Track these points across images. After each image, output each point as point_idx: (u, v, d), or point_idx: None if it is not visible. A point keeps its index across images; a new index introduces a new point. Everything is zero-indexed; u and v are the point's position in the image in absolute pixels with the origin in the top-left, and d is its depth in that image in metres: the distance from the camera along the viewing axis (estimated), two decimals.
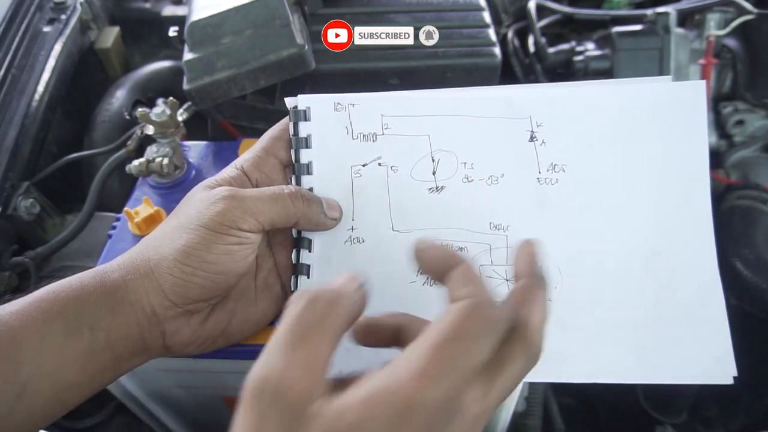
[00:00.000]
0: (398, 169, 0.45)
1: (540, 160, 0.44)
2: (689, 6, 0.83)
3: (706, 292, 0.43)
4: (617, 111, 0.44)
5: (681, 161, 0.43)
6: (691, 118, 0.43)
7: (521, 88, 0.47)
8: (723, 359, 0.41)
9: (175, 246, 0.39)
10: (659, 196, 0.43)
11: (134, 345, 0.40)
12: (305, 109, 0.46)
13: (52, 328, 0.37)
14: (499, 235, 0.44)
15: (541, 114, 0.44)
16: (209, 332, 0.42)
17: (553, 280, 0.43)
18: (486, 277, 0.43)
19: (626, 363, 0.42)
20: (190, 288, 0.39)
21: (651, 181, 0.43)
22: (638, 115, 0.43)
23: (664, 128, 0.43)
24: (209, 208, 0.40)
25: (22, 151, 0.66)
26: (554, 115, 0.44)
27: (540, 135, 0.44)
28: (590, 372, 0.42)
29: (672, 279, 0.43)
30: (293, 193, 0.42)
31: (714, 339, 0.42)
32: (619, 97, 0.44)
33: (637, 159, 0.43)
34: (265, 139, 0.46)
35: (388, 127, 0.45)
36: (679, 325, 0.42)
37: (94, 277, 0.40)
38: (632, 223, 0.43)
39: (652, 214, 0.43)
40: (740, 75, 0.84)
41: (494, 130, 0.44)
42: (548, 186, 0.44)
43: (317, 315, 0.29)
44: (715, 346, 0.42)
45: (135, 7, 0.91)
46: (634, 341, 0.42)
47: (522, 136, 0.44)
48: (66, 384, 0.38)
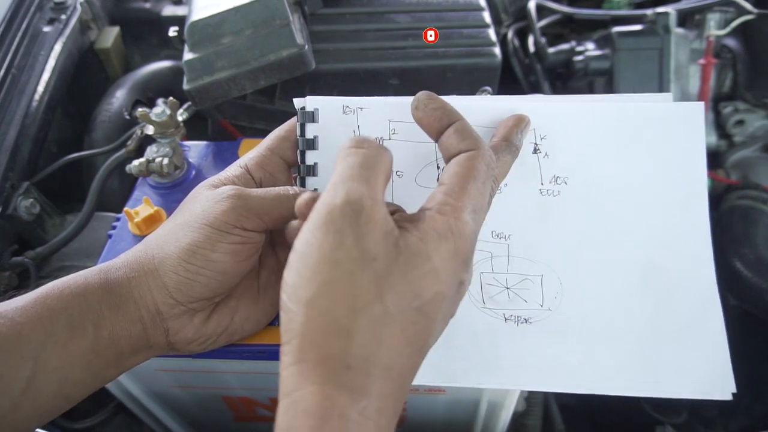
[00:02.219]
0: (403, 174, 0.45)
1: (543, 171, 0.45)
2: (689, 6, 0.83)
3: (704, 307, 0.43)
4: (620, 128, 0.44)
5: (680, 178, 0.44)
6: (690, 138, 0.44)
7: (527, 99, 0.47)
8: (722, 375, 0.42)
9: (180, 244, 0.39)
10: (658, 211, 0.44)
11: (137, 342, 0.40)
12: (313, 111, 0.46)
13: (57, 325, 0.37)
14: (500, 243, 0.44)
15: (545, 127, 0.44)
16: (212, 330, 0.42)
17: (553, 291, 0.43)
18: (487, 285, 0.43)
19: (626, 375, 0.42)
20: (194, 286, 0.39)
21: (650, 197, 0.44)
22: (639, 132, 0.44)
23: (664, 146, 0.44)
24: (214, 207, 0.40)
25: (22, 151, 0.66)
26: (558, 129, 0.45)
27: (543, 147, 0.44)
28: (591, 383, 0.42)
29: (671, 293, 0.43)
30: (297, 194, 0.42)
31: (712, 355, 0.42)
32: (622, 115, 0.44)
33: (637, 174, 0.44)
34: (271, 139, 0.46)
35: (395, 133, 0.45)
36: (678, 340, 0.43)
37: (98, 274, 0.40)
38: (632, 236, 0.44)
39: (651, 228, 0.44)
40: (740, 75, 0.84)
41: None
42: (550, 198, 0.44)
43: (377, 156, 0.33)
44: (713, 362, 0.42)
45: (135, 7, 0.91)
46: (634, 354, 0.42)
47: (526, 148, 0.44)
48: (70, 380, 0.38)
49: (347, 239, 0.30)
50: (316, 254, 0.30)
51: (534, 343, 0.43)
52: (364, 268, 0.30)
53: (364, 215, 0.31)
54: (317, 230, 0.31)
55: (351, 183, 0.32)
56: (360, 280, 0.30)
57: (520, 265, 0.44)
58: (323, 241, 0.30)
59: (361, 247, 0.30)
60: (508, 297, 0.43)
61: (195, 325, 0.41)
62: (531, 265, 0.44)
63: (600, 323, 0.43)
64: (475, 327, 0.43)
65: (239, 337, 0.45)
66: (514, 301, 0.43)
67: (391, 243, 0.31)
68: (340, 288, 0.30)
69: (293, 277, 0.31)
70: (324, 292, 0.30)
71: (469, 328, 0.43)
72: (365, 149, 0.33)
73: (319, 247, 0.30)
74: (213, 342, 0.43)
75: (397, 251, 0.31)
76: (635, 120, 0.44)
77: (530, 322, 0.43)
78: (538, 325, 0.43)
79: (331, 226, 0.31)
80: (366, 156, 0.33)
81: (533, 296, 0.43)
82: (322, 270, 0.30)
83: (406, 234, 0.32)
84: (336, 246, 0.30)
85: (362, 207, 0.31)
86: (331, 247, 0.30)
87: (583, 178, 0.44)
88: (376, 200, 0.32)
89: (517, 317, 0.43)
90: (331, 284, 0.30)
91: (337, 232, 0.30)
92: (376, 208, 0.31)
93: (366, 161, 0.33)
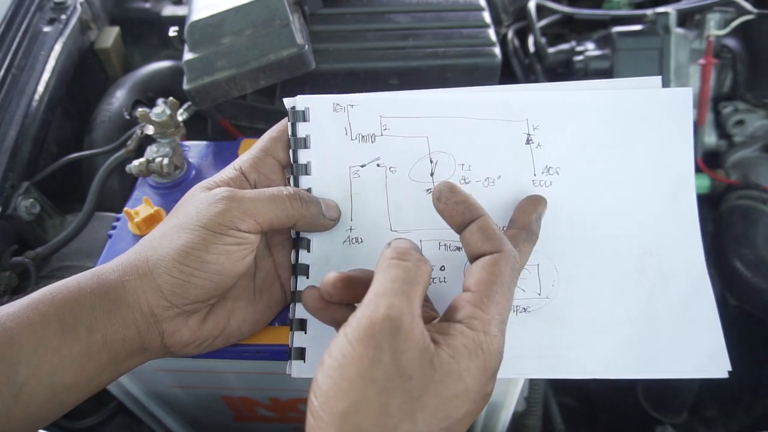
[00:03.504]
0: (396, 170, 0.45)
1: (535, 162, 0.45)
2: (689, 6, 0.83)
3: (697, 289, 0.44)
4: (609, 116, 0.45)
5: (668, 164, 0.45)
6: (678, 123, 0.45)
7: (518, 88, 0.47)
8: (716, 354, 0.43)
9: (174, 246, 0.39)
10: (648, 197, 0.45)
11: (132, 345, 0.40)
12: (304, 110, 0.46)
13: (49, 330, 0.37)
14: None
15: (537, 117, 0.45)
16: (208, 332, 0.42)
17: (551, 279, 0.44)
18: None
19: (624, 359, 0.43)
20: (188, 288, 0.39)
21: (640, 183, 0.45)
22: (629, 119, 0.45)
23: (652, 132, 0.45)
24: (208, 208, 0.40)
25: (22, 151, 0.66)
26: (550, 119, 0.45)
27: (536, 138, 0.45)
28: (590, 368, 0.43)
29: (663, 277, 0.44)
30: (291, 195, 0.42)
31: (707, 334, 0.43)
32: (612, 103, 0.45)
33: (627, 162, 0.45)
34: (264, 140, 0.46)
35: (387, 128, 0.45)
36: (672, 322, 0.43)
37: (91, 278, 0.40)
38: (624, 223, 0.44)
39: (642, 214, 0.45)
40: (740, 75, 0.84)
41: (492, 132, 0.45)
42: (543, 188, 0.45)
43: (417, 270, 0.34)
44: (708, 341, 0.43)
45: (135, 7, 0.91)
46: (631, 338, 0.43)
47: (519, 139, 0.45)
48: (63, 385, 0.38)
49: (385, 356, 0.31)
50: (354, 368, 0.31)
51: (533, 332, 0.43)
52: (400, 387, 0.31)
53: (403, 332, 0.31)
54: (357, 342, 0.31)
55: (392, 298, 0.32)
56: (394, 399, 0.31)
57: None
58: (363, 356, 0.31)
59: (398, 364, 0.31)
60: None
61: (190, 328, 0.41)
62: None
63: (597, 309, 0.44)
64: None
65: (237, 340, 0.45)
66: None
67: (427, 360, 0.32)
68: (374, 405, 0.31)
69: (328, 384, 0.32)
70: (358, 408, 0.31)
71: None
72: (407, 262, 0.34)
73: (358, 361, 0.31)
74: (210, 345, 0.43)
75: (432, 370, 0.32)
76: (625, 107, 0.45)
77: (529, 311, 0.43)
78: (537, 314, 0.43)
79: (371, 340, 0.31)
80: (408, 270, 0.34)
81: (531, 285, 0.44)
82: (359, 385, 0.31)
83: (440, 351, 0.33)
84: (374, 362, 0.31)
85: (401, 324, 0.32)
86: (369, 362, 0.31)
87: (574, 167, 0.45)
88: (414, 316, 0.32)
89: (516, 307, 0.43)
90: (367, 401, 0.31)
91: (376, 347, 0.31)
92: (414, 325, 0.32)
93: (408, 276, 0.34)
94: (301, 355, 0.44)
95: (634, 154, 0.45)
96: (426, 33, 0.66)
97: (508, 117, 0.45)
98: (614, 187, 0.45)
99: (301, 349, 0.44)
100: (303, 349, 0.44)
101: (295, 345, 0.44)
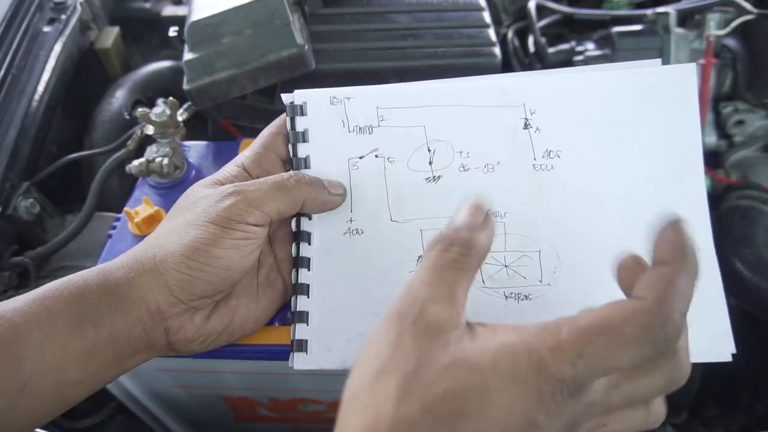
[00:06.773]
0: (395, 160, 0.46)
1: (535, 146, 0.44)
2: (689, 6, 0.82)
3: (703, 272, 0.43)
4: (609, 96, 0.44)
5: (674, 143, 0.44)
6: (682, 101, 0.43)
7: (514, 76, 0.47)
8: (721, 337, 0.42)
9: (183, 242, 0.40)
10: (654, 178, 0.43)
11: (137, 342, 0.40)
12: (301, 104, 0.46)
13: (55, 326, 0.37)
14: (496, 222, 0.44)
15: (534, 101, 0.44)
16: (212, 329, 0.42)
17: (552, 265, 0.43)
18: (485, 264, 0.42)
19: None
20: (196, 283, 0.40)
21: (645, 164, 0.44)
22: (630, 99, 0.44)
23: (656, 111, 0.44)
24: (216, 205, 0.40)
25: (22, 151, 0.66)
26: (548, 102, 0.44)
27: (534, 122, 0.44)
28: None
29: None
30: (294, 178, 0.43)
31: (713, 318, 0.42)
32: (611, 82, 0.44)
33: (630, 142, 0.44)
34: (264, 136, 0.47)
35: (383, 119, 0.46)
36: None
37: (97, 275, 0.40)
38: (628, 205, 0.43)
39: (648, 195, 0.43)
40: (740, 75, 0.84)
41: (489, 118, 0.45)
42: (544, 172, 0.44)
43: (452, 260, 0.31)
44: (713, 325, 0.42)
45: (135, 7, 0.91)
46: None
47: (516, 124, 0.44)
48: (68, 381, 0.38)
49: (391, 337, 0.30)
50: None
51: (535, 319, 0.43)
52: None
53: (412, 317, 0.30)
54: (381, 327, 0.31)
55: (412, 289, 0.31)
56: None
57: (517, 242, 0.44)
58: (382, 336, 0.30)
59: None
60: (507, 275, 0.43)
61: (195, 324, 0.41)
62: (528, 242, 0.43)
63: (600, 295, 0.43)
64: (476, 307, 0.42)
65: (239, 336, 0.45)
66: (513, 279, 0.43)
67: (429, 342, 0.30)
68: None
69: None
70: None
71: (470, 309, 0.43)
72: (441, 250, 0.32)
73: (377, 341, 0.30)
74: (213, 341, 0.43)
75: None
76: (626, 86, 0.44)
77: (530, 299, 0.43)
78: (539, 301, 0.43)
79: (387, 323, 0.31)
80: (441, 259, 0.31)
81: (532, 272, 0.43)
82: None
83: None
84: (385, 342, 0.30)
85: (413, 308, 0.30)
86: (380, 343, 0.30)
87: (576, 150, 0.44)
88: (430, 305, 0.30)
89: (517, 294, 0.43)
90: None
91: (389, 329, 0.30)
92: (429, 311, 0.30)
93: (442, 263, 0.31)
94: (303, 346, 0.44)
95: (637, 135, 0.43)
96: (426, 33, 0.66)
97: (503, 103, 0.45)
98: (618, 169, 0.44)
99: (303, 341, 0.44)
100: (305, 340, 0.44)
101: (297, 337, 0.44)
